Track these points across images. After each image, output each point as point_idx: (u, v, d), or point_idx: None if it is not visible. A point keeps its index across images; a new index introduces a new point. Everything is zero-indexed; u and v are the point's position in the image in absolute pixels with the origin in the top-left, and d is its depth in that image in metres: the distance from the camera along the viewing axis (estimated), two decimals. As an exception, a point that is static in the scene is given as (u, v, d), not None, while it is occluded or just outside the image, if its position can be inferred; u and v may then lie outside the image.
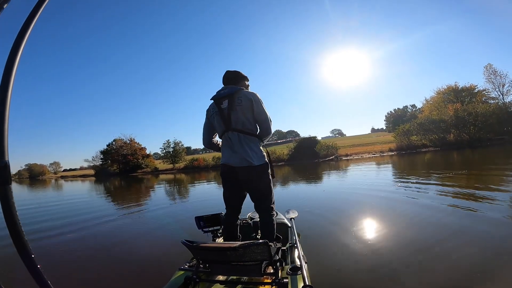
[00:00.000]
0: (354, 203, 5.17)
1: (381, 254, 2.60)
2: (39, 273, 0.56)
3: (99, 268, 2.92)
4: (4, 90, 0.58)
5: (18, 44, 0.62)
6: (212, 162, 32.87)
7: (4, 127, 0.57)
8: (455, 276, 2.07)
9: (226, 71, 1.97)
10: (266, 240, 1.17)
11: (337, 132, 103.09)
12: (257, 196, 1.82)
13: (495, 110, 24.89)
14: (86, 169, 63.32)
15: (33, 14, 0.66)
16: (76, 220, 5.82)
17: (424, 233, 3.12)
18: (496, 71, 29.21)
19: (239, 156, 1.74)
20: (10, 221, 0.55)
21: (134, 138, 44.78)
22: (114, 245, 3.79)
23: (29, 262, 0.56)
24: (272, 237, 1.76)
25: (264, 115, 1.81)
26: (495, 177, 6.54)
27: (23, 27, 0.64)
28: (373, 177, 9.82)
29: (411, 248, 2.68)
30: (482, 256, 2.37)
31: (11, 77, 0.60)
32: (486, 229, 2.98)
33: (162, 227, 4.67)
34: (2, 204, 0.55)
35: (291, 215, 2.84)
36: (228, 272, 1.36)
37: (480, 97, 29.36)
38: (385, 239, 3.03)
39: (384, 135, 48.93)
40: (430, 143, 25.64)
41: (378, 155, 25.14)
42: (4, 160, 0.55)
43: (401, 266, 2.33)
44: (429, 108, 31.96)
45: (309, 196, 6.58)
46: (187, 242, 1.29)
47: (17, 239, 0.55)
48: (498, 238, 2.72)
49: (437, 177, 7.59)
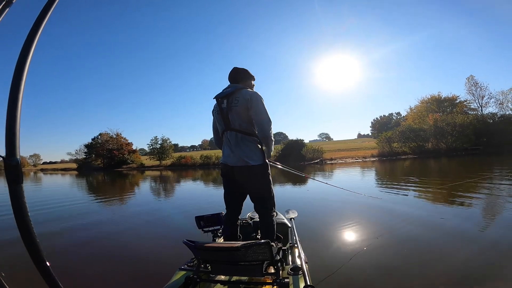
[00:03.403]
0: (337, 201, 5.40)
1: (381, 254, 2.67)
2: (49, 272, 0.56)
3: (99, 268, 2.86)
4: (16, 90, 0.58)
5: (29, 45, 0.61)
6: (200, 160, 32.55)
7: (16, 126, 0.56)
8: (455, 277, 2.16)
9: (232, 68, 1.93)
10: (268, 240, 1.18)
11: (324, 136, 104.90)
12: (256, 196, 1.81)
13: (472, 121, 26.18)
14: (68, 162, 60.89)
15: (43, 14, 0.66)
16: (73, 220, 5.60)
17: (418, 233, 3.28)
18: (477, 83, 30.70)
19: (236, 155, 1.73)
20: (21, 221, 0.54)
21: (121, 133, 43.75)
22: (113, 245, 3.71)
23: (39, 262, 0.56)
24: (272, 237, 1.75)
25: (261, 116, 1.72)
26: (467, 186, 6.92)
27: (33, 26, 0.63)
28: (347, 179, 10.17)
29: (411, 248, 2.79)
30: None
31: (22, 76, 0.59)
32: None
33: (162, 227, 4.63)
34: (13, 203, 0.54)
35: (291, 215, 2.84)
36: (229, 272, 1.36)
37: (460, 107, 30.88)
38: (385, 239, 3.13)
39: (369, 141, 50.33)
40: (410, 151, 26.76)
41: (361, 160, 25.92)
42: (16, 159, 0.55)
43: (401, 265, 2.39)
44: (413, 116, 33.33)
45: (294, 196, 6.81)
46: (188, 242, 1.28)
47: (28, 239, 0.55)
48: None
49: (404, 183, 7.96)
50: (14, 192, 0.54)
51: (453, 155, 22.92)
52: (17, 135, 0.56)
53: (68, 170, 44.89)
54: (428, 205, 5.03)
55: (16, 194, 0.55)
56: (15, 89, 0.57)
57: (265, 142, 1.79)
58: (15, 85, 0.57)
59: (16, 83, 0.57)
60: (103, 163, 41.44)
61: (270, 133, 1.76)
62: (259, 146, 1.77)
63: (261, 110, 1.73)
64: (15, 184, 0.55)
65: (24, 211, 0.55)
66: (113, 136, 42.98)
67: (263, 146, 1.79)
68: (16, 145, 0.56)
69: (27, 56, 0.60)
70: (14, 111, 0.57)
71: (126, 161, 41.03)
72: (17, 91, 0.58)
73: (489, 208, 4.51)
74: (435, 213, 4.26)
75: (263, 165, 1.75)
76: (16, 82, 0.57)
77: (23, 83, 0.59)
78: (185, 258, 1.65)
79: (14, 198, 0.54)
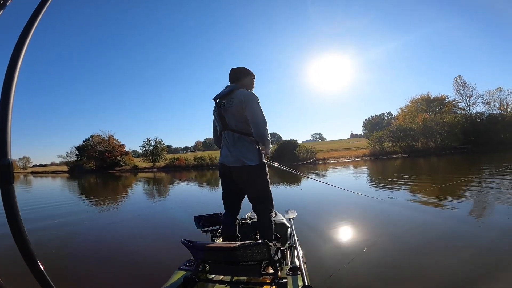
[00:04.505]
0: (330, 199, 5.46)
1: (381, 255, 2.68)
2: (41, 272, 0.56)
3: (98, 268, 2.85)
4: (7, 90, 0.58)
5: (21, 43, 0.61)
6: (194, 162, 32.33)
7: (7, 125, 0.56)
8: (454, 277, 2.18)
9: (232, 69, 1.94)
10: (266, 240, 1.18)
11: (318, 136, 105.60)
12: (254, 196, 1.81)
13: (460, 121, 26.82)
14: (58, 165, 59.56)
15: (36, 13, 0.66)
16: (68, 221, 5.51)
17: (417, 233, 3.32)
18: (465, 83, 31.36)
19: (234, 156, 1.73)
20: (13, 221, 0.54)
21: (113, 135, 43.05)
22: (112, 245, 3.70)
23: (31, 261, 0.56)
24: (270, 238, 1.75)
25: (255, 116, 1.71)
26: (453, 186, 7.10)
27: (25, 27, 0.63)
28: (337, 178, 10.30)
29: (411, 247, 2.83)
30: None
31: (14, 75, 0.59)
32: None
33: (160, 226, 4.61)
34: (5, 203, 0.54)
35: (290, 215, 2.84)
36: (227, 272, 1.35)
37: (449, 107, 31.59)
38: (383, 238, 3.16)
39: (361, 141, 50.97)
40: (400, 150, 27.27)
41: (353, 159, 26.29)
42: (7, 159, 0.55)
43: (401, 265, 2.41)
44: (403, 116, 33.93)
45: (289, 194, 6.83)
46: (186, 242, 1.28)
47: (19, 239, 0.54)
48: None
49: (394, 181, 8.10)
50: (5, 192, 0.54)
51: (442, 154, 23.41)
52: (9, 135, 0.56)
53: (59, 172, 44.16)
54: (423, 204, 5.10)
55: (7, 195, 0.54)
56: (6, 89, 0.57)
57: (261, 142, 1.77)
58: (7, 85, 0.57)
59: (8, 83, 0.57)
60: (95, 166, 40.74)
61: (266, 133, 1.74)
62: (256, 146, 1.77)
63: (256, 111, 1.71)
64: (6, 184, 0.55)
65: (16, 211, 0.54)
66: (105, 138, 42.27)
67: (260, 146, 1.79)
68: (7, 145, 0.56)
69: (19, 56, 0.60)
70: (6, 111, 0.56)
71: (118, 163, 40.42)
72: (9, 92, 0.57)
73: (482, 205, 4.62)
74: (431, 212, 4.37)
75: (260, 165, 1.75)
76: (8, 82, 0.57)
77: (15, 83, 0.59)
78: (184, 258, 1.64)
79: (5, 199, 0.54)
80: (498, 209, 4.16)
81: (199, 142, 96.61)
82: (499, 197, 4.94)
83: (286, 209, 3.10)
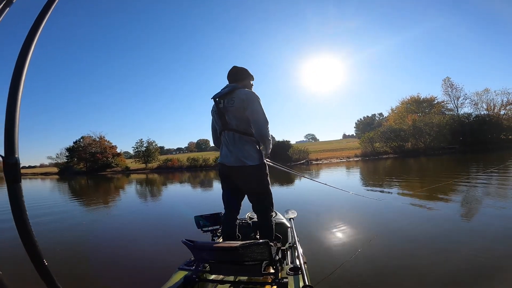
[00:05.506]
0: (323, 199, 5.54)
1: (379, 254, 2.70)
2: (48, 272, 0.56)
3: (98, 268, 2.84)
4: (15, 89, 0.58)
5: (29, 43, 0.61)
6: (187, 163, 32.08)
7: (15, 125, 0.56)
8: (454, 277, 2.18)
9: (231, 67, 1.92)
10: (267, 240, 1.17)
11: (310, 137, 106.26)
12: (254, 196, 1.81)
13: (449, 121, 27.50)
14: (47, 166, 57.84)
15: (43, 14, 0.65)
16: (69, 220, 5.45)
17: (419, 230, 3.39)
18: (453, 84, 32.14)
19: (234, 155, 1.72)
20: (20, 220, 0.54)
21: (104, 136, 42.18)
22: (112, 245, 3.69)
23: (38, 261, 0.55)
24: (271, 237, 1.75)
25: (256, 115, 1.69)
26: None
27: (33, 26, 0.63)
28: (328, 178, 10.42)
29: (411, 247, 2.85)
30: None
31: (22, 74, 0.59)
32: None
33: (160, 226, 4.60)
34: (12, 202, 0.54)
35: (290, 215, 2.84)
36: (228, 272, 1.35)
37: (438, 108, 32.37)
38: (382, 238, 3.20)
39: (353, 141, 51.63)
40: (391, 150, 27.84)
41: (345, 160, 26.67)
42: (14, 157, 0.55)
43: (401, 265, 2.42)
44: (394, 117, 34.59)
45: (285, 193, 6.89)
46: (187, 242, 1.27)
47: (26, 238, 0.54)
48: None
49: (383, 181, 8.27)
50: (13, 191, 0.54)
51: (431, 154, 23.98)
52: (16, 134, 0.56)
53: (48, 174, 42.85)
54: (412, 205, 5.22)
55: (15, 193, 0.54)
56: (14, 88, 0.57)
57: (262, 142, 1.76)
58: (15, 84, 0.57)
59: (16, 82, 0.57)
60: (85, 167, 39.77)
61: (267, 133, 1.73)
62: (256, 146, 1.76)
63: (257, 110, 1.70)
64: (14, 182, 0.54)
65: (23, 210, 0.54)
66: (96, 139, 41.37)
67: (260, 146, 1.78)
68: (15, 144, 0.55)
69: (26, 56, 0.60)
70: (14, 110, 0.56)
71: (110, 164, 39.62)
72: (17, 90, 0.57)
73: (475, 204, 4.76)
74: (426, 210, 4.47)
75: (260, 165, 1.74)
76: (16, 81, 0.57)
77: (23, 81, 0.59)
78: (184, 258, 1.64)
79: (12, 197, 0.54)
80: (488, 210, 4.23)
81: (192, 143, 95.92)
82: (489, 197, 5.10)
83: (286, 209, 3.11)
